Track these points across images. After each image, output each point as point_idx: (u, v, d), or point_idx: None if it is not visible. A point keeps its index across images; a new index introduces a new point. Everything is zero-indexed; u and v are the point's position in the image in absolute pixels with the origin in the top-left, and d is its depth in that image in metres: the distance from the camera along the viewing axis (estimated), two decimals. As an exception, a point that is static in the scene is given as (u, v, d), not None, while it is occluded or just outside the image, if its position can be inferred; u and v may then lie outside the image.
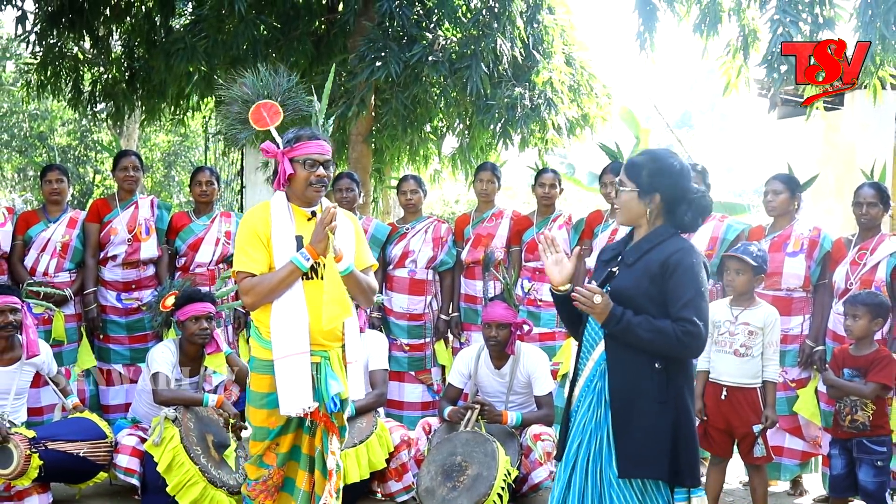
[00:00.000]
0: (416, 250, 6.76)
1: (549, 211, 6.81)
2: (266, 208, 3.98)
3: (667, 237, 3.52)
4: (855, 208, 5.76)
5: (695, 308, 3.38)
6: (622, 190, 3.54)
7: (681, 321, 3.36)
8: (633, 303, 3.43)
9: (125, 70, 9.74)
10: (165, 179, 18.87)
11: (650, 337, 3.37)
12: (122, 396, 6.58)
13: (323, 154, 3.93)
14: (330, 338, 3.93)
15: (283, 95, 4.11)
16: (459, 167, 10.58)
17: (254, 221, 3.95)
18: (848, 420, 5.04)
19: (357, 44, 7.97)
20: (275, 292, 3.85)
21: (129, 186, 6.63)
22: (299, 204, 3.99)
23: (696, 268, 3.44)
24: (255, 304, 3.93)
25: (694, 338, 3.36)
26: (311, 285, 3.90)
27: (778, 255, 5.82)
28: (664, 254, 3.45)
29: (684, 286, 3.40)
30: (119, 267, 6.52)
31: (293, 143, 3.92)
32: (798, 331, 5.84)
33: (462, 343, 6.79)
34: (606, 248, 3.85)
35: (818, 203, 10.31)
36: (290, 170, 3.91)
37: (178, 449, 5.14)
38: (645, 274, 3.45)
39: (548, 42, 8.52)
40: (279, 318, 3.87)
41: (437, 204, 19.09)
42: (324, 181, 3.94)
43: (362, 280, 4.03)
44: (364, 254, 4.14)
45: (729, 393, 5.07)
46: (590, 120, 9.09)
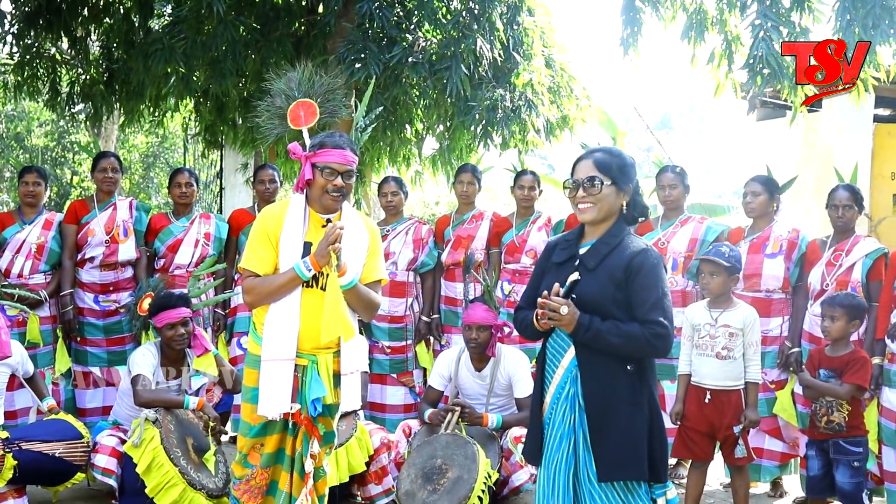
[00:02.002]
0: (396, 252, 6.75)
1: (528, 213, 6.82)
2: (284, 208, 4.00)
3: (623, 236, 3.53)
4: (830, 211, 5.78)
5: (662, 309, 3.40)
6: (604, 185, 3.50)
7: (649, 324, 3.37)
8: (600, 309, 3.41)
9: (103, 71, 9.67)
10: (144, 181, 18.77)
11: (620, 342, 3.36)
12: (98, 399, 6.55)
13: (344, 164, 3.91)
14: (321, 345, 3.91)
15: (322, 96, 4.11)
16: (440, 169, 10.60)
17: (267, 219, 3.97)
18: (824, 421, 5.06)
19: (337, 45, 7.94)
20: (273, 296, 3.87)
21: (108, 188, 6.61)
22: (317, 209, 3.98)
23: (658, 268, 3.47)
24: (253, 303, 3.96)
25: (663, 339, 3.39)
26: (311, 294, 3.90)
27: (757, 257, 5.84)
28: (625, 256, 3.45)
29: (649, 288, 3.41)
30: (97, 269, 6.48)
31: (317, 148, 3.92)
32: (777, 332, 5.86)
33: (442, 345, 6.78)
34: (556, 245, 3.76)
35: (797, 204, 10.36)
36: (309, 175, 3.91)
37: (158, 450, 5.10)
38: (610, 280, 3.43)
39: (528, 44, 8.52)
40: (272, 322, 3.89)
41: (417, 206, 19.07)
42: (342, 191, 3.92)
43: (364, 295, 4.01)
44: (374, 267, 4.10)
45: (713, 396, 5.07)
46: (569, 121, 9.10)
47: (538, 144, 8.85)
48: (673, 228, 6.23)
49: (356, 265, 3.95)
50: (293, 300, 3.88)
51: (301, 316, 3.88)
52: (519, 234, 6.73)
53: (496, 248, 6.85)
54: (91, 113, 10.17)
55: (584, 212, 3.56)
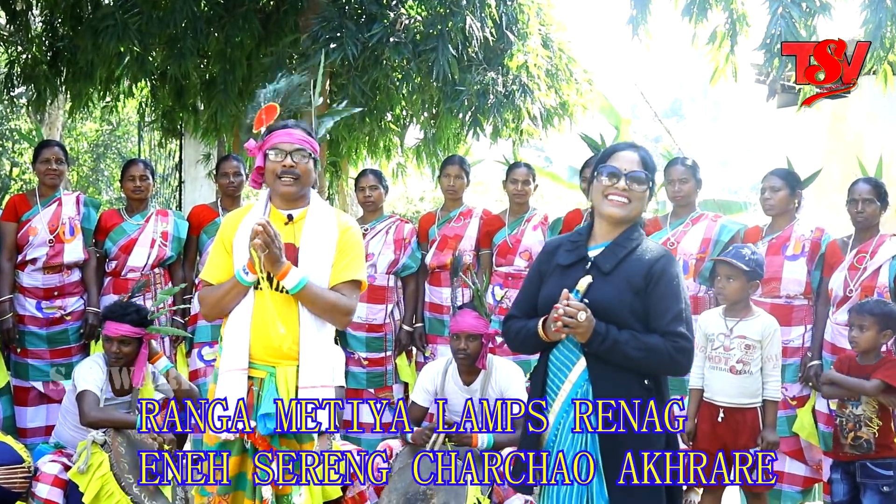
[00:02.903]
0: (375, 253, 6.74)
1: (522, 210, 6.83)
2: (245, 210, 4.09)
3: (639, 239, 3.55)
4: (849, 206, 5.79)
5: (685, 322, 3.43)
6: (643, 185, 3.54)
7: (671, 336, 3.38)
8: (615, 317, 3.41)
9: (47, 50, 9.62)
10: (93, 173, 18.70)
11: (640, 355, 3.37)
12: (41, 418, 6.50)
13: (292, 142, 3.97)
14: (276, 355, 3.91)
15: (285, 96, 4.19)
16: (424, 160, 10.59)
17: (224, 224, 4.06)
18: (850, 438, 5.06)
19: (310, 22, 7.94)
20: (221, 304, 3.93)
21: (52, 181, 6.56)
22: (278, 204, 4.04)
23: (680, 277, 3.50)
24: (207, 315, 4.08)
25: (687, 354, 3.41)
26: (264, 296, 3.92)
27: (776, 259, 5.84)
28: (646, 262, 3.47)
29: (671, 298, 3.43)
30: (39, 271, 6.43)
31: (265, 134, 4.02)
32: (799, 342, 5.87)
33: (427, 357, 6.78)
34: (558, 246, 3.75)
35: (821, 201, 10.39)
36: (260, 162, 4.00)
37: (108, 477, 5.07)
38: (627, 286, 3.44)
39: (523, 22, 8.54)
40: (228, 330, 3.95)
41: (399, 202, 19.07)
42: (293, 171, 3.95)
43: (322, 298, 3.97)
44: (345, 267, 4.06)
45: (726, 414, 5.08)
46: (569, 108, 9.12)
47: (534, 134, 8.86)
48: (683, 227, 6.24)
49: (314, 265, 3.95)
50: (245, 306, 3.92)
51: (254, 322, 3.90)
52: (512, 234, 6.74)
53: (487, 248, 6.86)
54: (33, 97, 10.10)
55: (616, 206, 3.55)
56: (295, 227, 4.00)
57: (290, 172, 3.95)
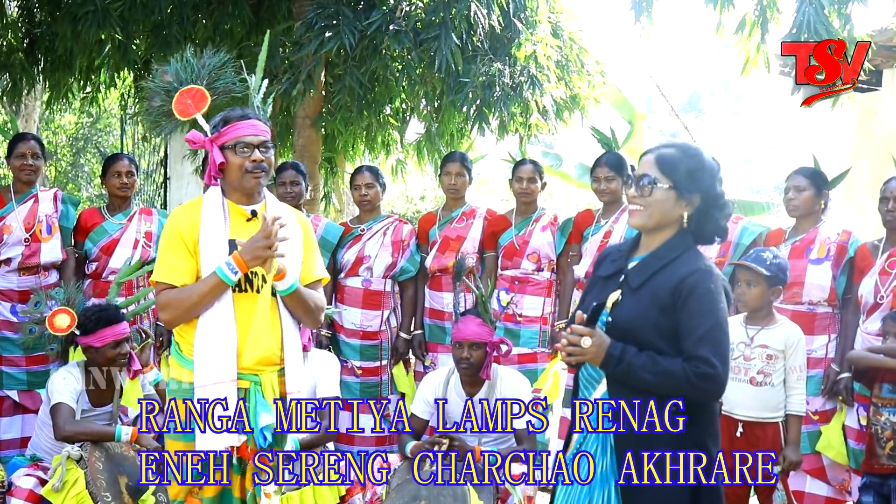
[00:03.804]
0: (371, 255, 6.75)
1: (529, 209, 6.84)
2: (196, 206, 3.98)
3: (680, 252, 3.45)
4: (881, 205, 5.79)
5: (712, 344, 3.29)
6: (657, 187, 3.43)
7: (694, 360, 3.27)
8: (639, 337, 3.36)
9: (23, 36, 9.64)
10: (73, 168, 18.71)
11: (656, 381, 3.29)
12: (16, 429, 6.51)
13: (257, 135, 3.94)
14: (264, 362, 3.92)
15: (209, 77, 4.12)
16: (426, 157, 10.59)
17: (179, 222, 3.94)
18: (888, 448, 5.03)
19: (304, 9, 7.95)
20: (196, 308, 3.84)
21: (27, 177, 6.56)
22: (237, 200, 3.99)
23: (715, 293, 3.36)
24: (174, 321, 3.93)
25: (709, 380, 3.28)
26: (246, 299, 3.91)
27: (800, 263, 5.84)
28: (676, 276, 3.37)
29: (699, 316, 3.31)
30: (14, 273, 6.44)
31: (221, 126, 3.94)
32: (822, 353, 5.85)
33: (427, 367, 6.79)
34: (606, 256, 3.76)
35: (850, 202, 10.38)
36: (220, 158, 3.91)
37: (83, 496, 5.05)
38: (654, 302, 3.37)
39: (531, 9, 8.54)
40: (204, 338, 3.86)
41: (398, 200, 19.06)
42: (262, 166, 3.94)
43: (307, 298, 4.02)
44: (313, 265, 4.13)
45: (745, 429, 5.07)
46: (580, 102, 9.12)
47: (542, 128, 8.85)
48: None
49: (294, 265, 3.96)
50: (225, 309, 3.86)
51: (240, 327, 3.87)
52: (519, 235, 6.75)
53: (492, 250, 6.87)
54: (8, 87, 10.10)
55: (632, 214, 3.52)
56: (258, 223, 3.95)
57: (261, 168, 3.94)
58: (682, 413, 3.35)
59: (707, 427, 3.46)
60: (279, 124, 10.17)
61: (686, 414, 3.36)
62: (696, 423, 3.39)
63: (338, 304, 6.79)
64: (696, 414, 3.39)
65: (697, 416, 3.40)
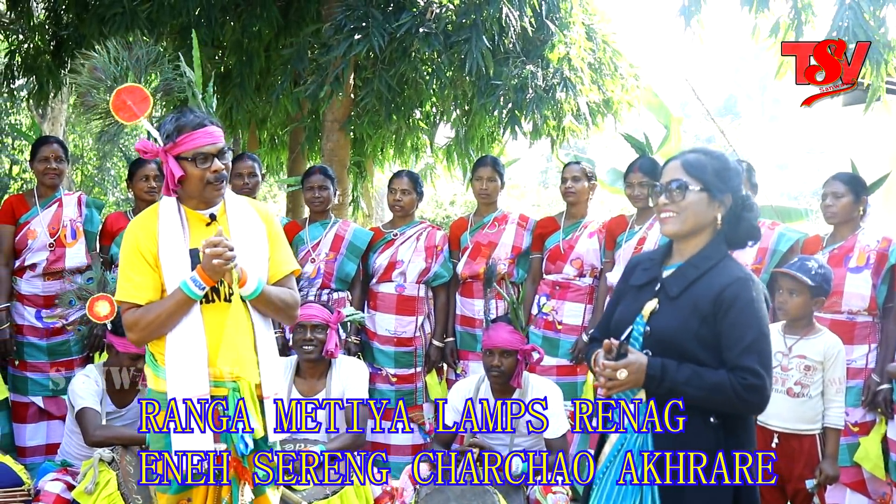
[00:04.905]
0: (405, 261, 6.75)
1: (579, 214, 6.79)
2: (153, 217, 3.91)
3: (717, 261, 3.44)
4: None
5: (758, 354, 3.29)
6: (689, 190, 3.43)
7: (740, 371, 3.26)
8: (679, 347, 3.35)
9: (50, 39, 9.72)
10: (99, 172, 18.81)
11: (702, 395, 3.29)
12: (41, 436, 6.55)
13: (215, 143, 3.85)
14: (241, 369, 3.88)
15: (145, 73, 4.06)
16: (455, 161, 10.57)
17: (137, 236, 3.87)
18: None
19: (333, 11, 7.98)
20: (165, 326, 3.79)
21: (51, 181, 6.59)
22: (194, 206, 3.92)
23: (757, 303, 3.35)
24: (142, 340, 3.88)
25: (757, 392, 3.28)
26: (215, 309, 3.87)
27: (838, 271, 5.79)
28: (717, 286, 3.36)
29: (744, 327, 3.30)
30: (39, 278, 6.49)
31: (175, 136, 3.82)
32: (862, 363, 5.80)
33: (458, 374, 6.77)
34: (637, 265, 3.74)
35: (890, 207, 10.29)
36: (179, 171, 3.80)
37: (115, 497, 5.08)
38: (694, 312, 3.36)
39: (564, 11, 8.53)
40: (174, 351, 3.81)
41: (428, 205, 19.06)
42: (222, 176, 3.87)
43: (277, 297, 3.98)
44: (282, 259, 4.08)
45: (781, 440, 5.04)
46: (613, 105, 9.10)
47: (576, 131, 8.83)
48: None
49: (253, 263, 3.90)
50: (193, 322, 3.81)
51: (207, 339, 3.83)
52: (566, 239, 6.71)
53: (538, 252, 6.85)
54: (34, 89, 10.21)
55: (665, 222, 3.51)
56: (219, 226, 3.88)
57: (222, 178, 3.87)
58: (683, 413, 3.35)
59: (746, 428, 3.47)
60: (307, 128, 10.21)
61: (724, 429, 3.36)
62: (735, 423, 3.40)
63: (370, 311, 6.79)
64: (735, 427, 3.39)
65: (736, 417, 3.40)
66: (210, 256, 3.65)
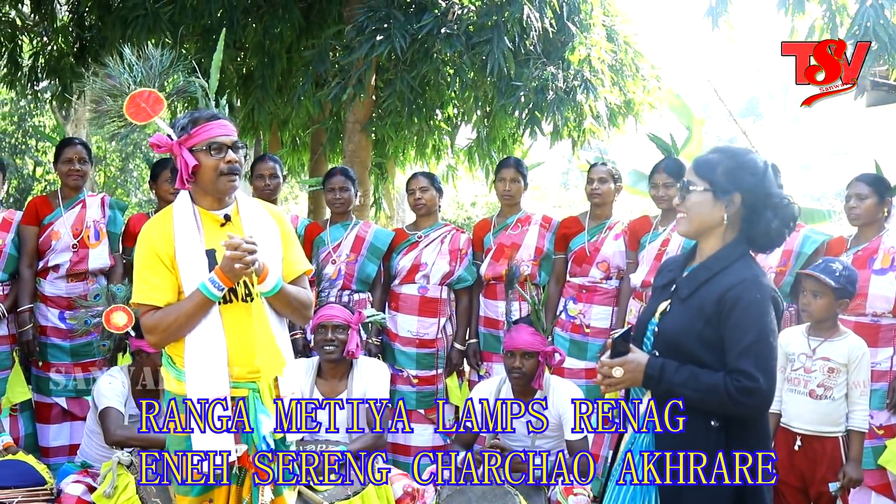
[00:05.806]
0: (429, 263, 6.74)
1: (603, 215, 6.78)
2: (167, 218, 3.91)
3: (731, 262, 3.41)
4: None
5: (755, 357, 3.25)
6: (691, 190, 3.45)
7: (735, 374, 3.25)
8: (684, 347, 3.36)
9: (73, 41, 9.76)
10: (122, 174, 18.87)
11: (698, 397, 3.29)
12: (64, 436, 6.58)
13: (229, 135, 3.88)
14: (261, 369, 3.89)
15: (159, 79, 4.05)
16: (477, 162, 10.57)
17: (152, 238, 3.87)
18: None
19: (355, 13, 7.98)
20: (184, 328, 3.79)
21: (74, 182, 6.62)
22: (208, 206, 3.93)
23: (761, 304, 3.32)
24: (161, 343, 3.88)
25: (751, 395, 3.24)
26: (235, 309, 3.88)
27: (863, 273, 5.76)
28: (721, 287, 3.35)
29: (743, 329, 3.28)
30: (62, 279, 6.51)
31: (190, 128, 3.85)
32: (887, 365, 5.78)
33: (481, 376, 6.76)
34: (665, 266, 3.77)
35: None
36: (192, 161, 3.81)
37: (134, 501, 5.10)
38: (700, 314, 3.36)
39: (585, 12, 8.52)
40: (193, 353, 3.82)
41: (449, 207, 19.07)
42: (236, 167, 3.87)
43: (294, 295, 3.99)
44: (295, 259, 4.09)
45: (804, 443, 5.02)
46: (635, 107, 9.08)
47: (597, 133, 8.81)
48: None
49: (274, 265, 3.90)
50: (213, 323, 3.81)
51: (230, 339, 3.83)
52: (591, 241, 6.69)
53: (561, 252, 6.82)
54: (58, 91, 10.26)
55: (678, 223, 3.55)
56: (233, 227, 3.92)
57: (236, 170, 3.88)
58: (683, 413, 3.35)
59: (751, 429, 3.42)
60: (329, 129, 10.22)
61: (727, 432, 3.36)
62: (741, 425, 3.38)
63: (391, 312, 6.79)
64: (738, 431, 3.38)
65: (740, 418, 3.38)
66: (231, 259, 3.66)
